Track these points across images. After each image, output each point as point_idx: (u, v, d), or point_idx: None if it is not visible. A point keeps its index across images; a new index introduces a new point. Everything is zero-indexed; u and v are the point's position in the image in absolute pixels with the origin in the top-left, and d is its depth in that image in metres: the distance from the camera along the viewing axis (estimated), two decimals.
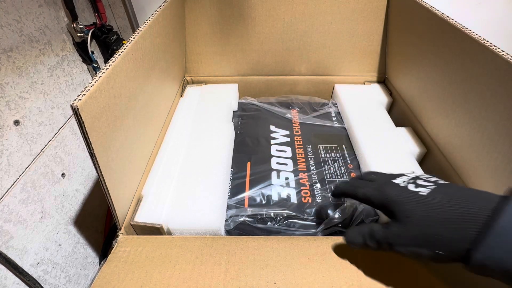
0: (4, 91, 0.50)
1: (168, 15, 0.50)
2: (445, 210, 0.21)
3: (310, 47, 0.63)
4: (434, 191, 0.23)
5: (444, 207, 0.21)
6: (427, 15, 0.47)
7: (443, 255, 0.21)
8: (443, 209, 0.21)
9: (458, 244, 0.20)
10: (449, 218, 0.21)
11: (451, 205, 0.21)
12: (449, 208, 0.21)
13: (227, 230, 0.39)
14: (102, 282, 0.29)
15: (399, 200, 0.23)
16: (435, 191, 0.23)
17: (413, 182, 0.25)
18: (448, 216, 0.21)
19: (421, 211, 0.22)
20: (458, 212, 0.21)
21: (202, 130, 0.51)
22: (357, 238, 0.26)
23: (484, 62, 0.35)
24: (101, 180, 0.30)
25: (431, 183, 0.24)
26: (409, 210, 0.23)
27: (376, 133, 0.51)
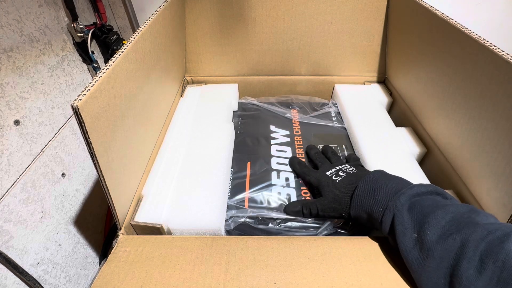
0: (4, 91, 0.50)
1: (168, 15, 0.50)
2: (343, 191, 0.36)
3: (310, 47, 0.63)
4: (342, 179, 0.38)
5: (342, 189, 0.36)
6: (427, 15, 0.47)
7: (343, 216, 0.36)
8: (342, 190, 0.36)
9: (346, 208, 0.35)
10: (343, 193, 0.36)
11: (345, 186, 0.36)
12: (344, 189, 0.36)
13: (227, 230, 0.39)
14: (102, 282, 0.29)
15: (325, 185, 0.38)
16: (343, 179, 0.38)
17: (336, 173, 0.39)
18: (343, 193, 0.36)
19: (333, 191, 0.37)
20: (347, 190, 0.36)
21: (202, 130, 0.52)
22: (297, 206, 0.39)
23: (484, 62, 0.35)
24: (101, 180, 0.30)
25: (345, 173, 0.39)
26: (328, 191, 0.37)
27: (376, 133, 0.51)
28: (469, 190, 0.40)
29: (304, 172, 0.43)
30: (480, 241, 0.24)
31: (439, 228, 0.27)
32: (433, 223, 0.27)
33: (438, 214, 0.28)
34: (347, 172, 0.39)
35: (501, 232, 0.24)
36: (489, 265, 0.23)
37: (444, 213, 0.28)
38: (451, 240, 0.26)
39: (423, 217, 0.28)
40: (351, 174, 0.38)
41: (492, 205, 0.36)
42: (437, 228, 0.27)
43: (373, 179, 0.34)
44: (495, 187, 0.35)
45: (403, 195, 0.30)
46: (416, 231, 0.28)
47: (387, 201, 0.31)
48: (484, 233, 0.25)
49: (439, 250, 0.26)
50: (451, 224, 0.27)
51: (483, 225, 0.26)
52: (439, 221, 0.27)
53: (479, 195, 0.38)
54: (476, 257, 0.24)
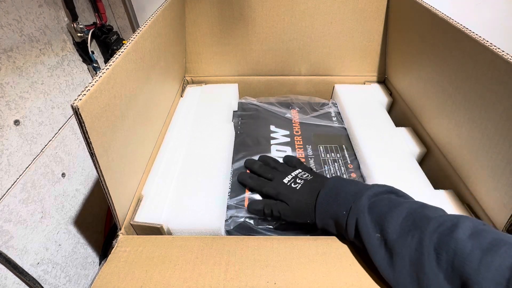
0: (4, 91, 0.50)
1: (168, 15, 0.50)
2: (305, 198, 0.36)
3: (310, 47, 0.63)
4: (302, 186, 0.38)
5: (303, 195, 0.37)
6: (427, 15, 0.47)
7: (308, 222, 0.35)
8: (304, 197, 0.37)
9: (312, 216, 0.35)
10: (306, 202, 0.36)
11: (307, 194, 0.37)
12: (306, 196, 0.36)
13: (227, 230, 0.39)
14: (102, 282, 0.29)
15: (285, 193, 0.38)
16: (302, 186, 0.38)
17: (293, 181, 0.39)
18: (305, 200, 0.36)
19: (295, 198, 0.37)
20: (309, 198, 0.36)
21: (202, 130, 0.52)
22: (259, 205, 0.39)
23: (484, 62, 0.35)
24: (101, 180, 0.30)
25: (302, 180, 0.39)
26: (289, 198, 0.37)
27: (376, 133, 0.51)
28: (469, 190, 0.40)
29: (259, 184, 0.41)
30: (433, 234, 0.26)
31: (398, 225, 0.28)
32: (391, 221, 0.28)
33: (394, 212, 0.29)
34: (304, 179, 0.39)
35: (450, 222, 0.26)
36: (443, 255, 0.25)
37: (399, 210, 0.29)
38: (410, 236, 0.27)
39: (383, 215, 0.29)
40: (309, 181, 0.39)
41: (492, 205, 0.36)
42: (396, 225, 0.28)
43: (333, 186, 0.35)
44: (495, 187, 0.35)
45: (363, 197, 0.31)
46: (379, 231, 0.29)
47: (349, 204, 0.32)
48: (436, 226, 0.26)
49: (401, 247, 0.27)
50: (407, 220, 0.28)
51: (434, 218, 0.27)
52: (396, 219, 0.28)
53: (479, 195, 0.38)
54: (431, 249, 0.25)
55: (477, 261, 0.23)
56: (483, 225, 0.26)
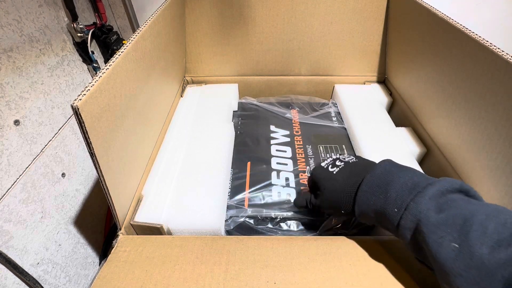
0: (4, 91, 0.50)
1: (168, 15, 0.50)
2: (341, 184, 0.32)
3: (310, 47, 0.63)
4: (340, 170, 0.33)
5: (341, 181, 0.32)
6: (427, 15, 0.47)
7: (345, 212, 0.31)
8: (340, 183, 0.32)
9: (349, 205, 0.31)
10: (343, 188, 0.31)
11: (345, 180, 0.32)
12: (344, 182, 0.32)
13: (227, 230, 0.39)
14: (102, 282, 0.29)
15: (320, 178, 0.34)
16: (341, 170, 0.33)
17: (333, 164, 0.35)
18: (341, 187, 0.31)
19: (330, 184, 0.32)
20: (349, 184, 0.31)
21: (202, 130, 0.51)
22: (302, 202, 0.37)
23: (484, 62, 0.35)
24: (101, 180, 0.30)
25: (343, 162, 0.34)
26: (324, 185, 0.33)
27: (376, 133, 0.51)
28: None
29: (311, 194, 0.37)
30: None
31: (487, 237, 0.22)
32: (478, 231, 0.22)
33: (479, 219, 0.23)
34: (345, 162, 0.34)
35: None
36: None
37: (487, 218, 0.23)
38: (510, 252, 0.21)
39: (464, 223, 0.23)
40: (350, 164, 0.33)
41: None
42: (486, 237, 0.22)
43: (383, 172, 0.29)
44: (495, 187, 0.35)
45: (426, 195, 0.25)
46: (457, 240, 0.23)
47: (403, 201, 0.26)
48: None
49: (495, 264, 0.21)
50: (500, 231, 0.22)
51: None
52: (485, 228, 0.22)
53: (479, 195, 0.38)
54: None
55: None
56: None
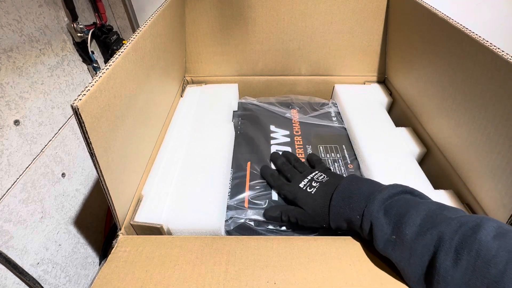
0: (4, 91, 0.50)
1: (168, 15, 0.50)
2: (319, 202, 0.37)
3: (310, 47, 0.63)
4: (317, 190, 0.38)
5: (319, 200, 0.37)
6: (427, 15, 0.47)
7: (324, 227, 0.36)
8: (318, 202, 0.37)
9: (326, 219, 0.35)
10: (320, 206, 0.36)
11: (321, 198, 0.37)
12: (320, 200, 0.37)
13: (227, 230, 0.39)
14: (102, 282, 0.29)
15: (302, 198, 0.39)
16: (317, 190, 0.38)
17: (309, 184, 0.40)
18: (319, 205, 0.36)
19: (310, 204, 0.37)
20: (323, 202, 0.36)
21: (202, 130, 0.51)
22: (275, 212, 0.39)
23: (484, 62, 0.35)
24: (101, 180, 0.30)
25: (318, 183, 0.39)
26: (305, 203, 0.38)
27: (376, 133, 0.51)
28: (469, 190, 0.40)
29: (279, 185, 0.42)
30: (454, 234, 0.26)
31: (416, 226, 0.28)
32: (409, 222, 0.28)
33: (412, 213, 0.29)
34: (320, 182, 0.39)
35: (473, 223, 0.26)
36: (464, 255, 0.24)
37: (417, 211, 0.29)
38: (429, 235, 0.27)
39: (399, 218, 0.29)
40: (324, 183, 0.39)
41: (492, 205, 0.36)
42: (414, 226, 0.28)
43: (345, 188, 0.35)
44: (495, 187, 0.35)
45: (376, 200, 0.31)
46: (395, 233, 0.29)
47: (362, 208, 0.32)
48: (457, 226, 0.26)
49: (419, 246, 0.27)
50: (426, 220, 0.28)
51: (455, 218, 0.27)
52: (414, 219, 0.28)
53: (479, 195, 0.38)
54: (452, 249, 0.25)
55: (503, 263, 0.23)
56: (507, 226, 0.26)
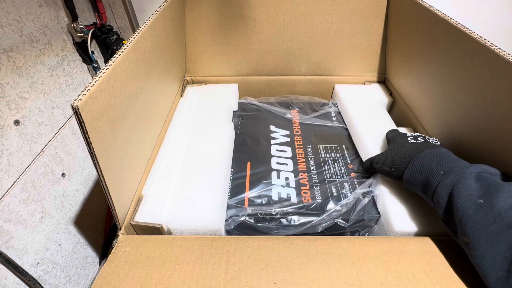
0: (4, 91, 0.50)
1: (168, 15, 0.50)
2: (408, 151, 0.37)
3: (310, 47, 0.63)
4: (417, 143, 0.38)
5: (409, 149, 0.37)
6: (427, 15, 0.47)
7: (394, 171, 0.37)
8: (407, 150, 0.37)
9: (401, 167, 0.36)
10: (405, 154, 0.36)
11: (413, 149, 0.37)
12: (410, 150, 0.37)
13: (227, 230, 0.39)
14: (102, 282, 0.29)
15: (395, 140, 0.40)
16: (417, 143, 0.38)
17: (415, 138, 0.39)
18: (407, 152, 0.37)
19: (398, 147, 0.38)
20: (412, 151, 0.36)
21: (202, 130, 0.51)
22: (366, 163, 0.43)
23: (485, 62, 0.35)
24: (101, 180, 0.30)
25: (424, 140, 0.38)
26: (393, 147, 0.39)
27: (376, 133, 0.51)
28: None
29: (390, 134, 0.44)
30: None
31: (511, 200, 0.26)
32: (506, 193, 0.26)
33: (508, 189, 0.27)
34: (426, 141, 0.38)
35: None
36: None
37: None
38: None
39: (494, 187, 0.27)
40: (428, 142, 0.38)
41: None
42: (510, 198, 0.26)
43: (444, 151, 0.34)
44: None
45: (472, 167, 0.30)
46: (484, 198, 0.27)
47: (451, 167, 0.30)
48: None
49: (510, 216, 0.25)
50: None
51: None
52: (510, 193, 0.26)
53: None
54: None
55: None
56: None
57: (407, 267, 0.30)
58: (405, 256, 0.31)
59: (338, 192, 0.43)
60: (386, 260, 0.31)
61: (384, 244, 0.32)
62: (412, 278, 0.29)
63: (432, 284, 0.29)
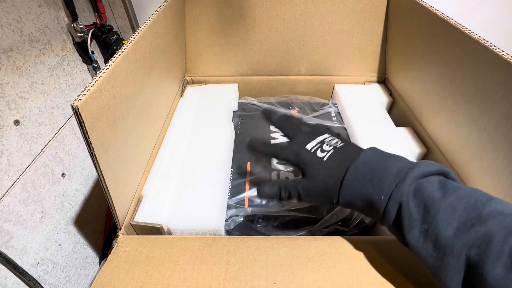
0: (4, 91, 0.50)
1: (168, 15, 0.50)
2: (334, 172, 0.29)
3: (310, 47, 0.63)
4: (331, 156, 0.30)
5: (333, 170, 0.29)
6: (427, 15, 0.47)
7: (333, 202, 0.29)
8: (332, 171, 0.29)
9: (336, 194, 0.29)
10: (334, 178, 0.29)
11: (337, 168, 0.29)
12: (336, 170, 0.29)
13: (227, 230, 0.39)
14: (102, 282, 0.29)
15: (309, 164, 0.30)
16: (331, 156, 0.30)
17: (320, 147, 0.31)
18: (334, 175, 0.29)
19: (321, 173, 0.30)
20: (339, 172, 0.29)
21: (202, 130, 0.51)
22: (273, 189, 0.31)
23: (484, 62, 0.35)
24: (101, 180, 0.30)
25: (332, 147, 0.31)
26: (315, 171, 0.30)
27: (376, 133, 0.51)
28: None
29: (274, 151, 0.33)
30: (509, 235, 0.20)
31: (455, 219, 0.22)
32: (446, 211, 0.23)
33: (449, 199, 0.23)
34: (334, 147, 0.31)
35: None
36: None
37: (456, 198, 0.23)
38: (473, 233, 0.21)
39: (432, 204, 0.24)
40: (339, 149, 0.31)
41: None
42: (453, 219, 0.22)
43: (368, 160, 0.28)
44: (495, 187, 0.35)
45: (407, 179, 0.25)
46: (427, 222, 0.23)
47: (389, 188, 0.26)
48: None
49: (457, 244, 0.22)
50: (468, 213, 0.22)
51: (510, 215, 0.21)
52: (453, 209, 0.23)
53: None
54: (504, 253, 0.20)
55: None
56: None
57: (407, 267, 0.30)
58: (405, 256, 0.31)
59: None
60: (386, 260, 0.31)
61: (384, 244, 0.32)
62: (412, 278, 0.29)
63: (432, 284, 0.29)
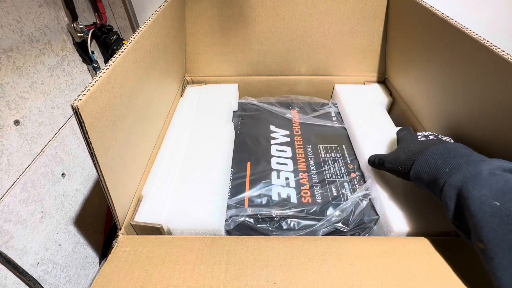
0: (4, 91, 0.50)
1: (168, 15, 0.50)
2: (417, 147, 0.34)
3: (310, 47, 0.63)
4: (427, 140, 0.36)
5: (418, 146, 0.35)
6: (427, 15, 0.47)
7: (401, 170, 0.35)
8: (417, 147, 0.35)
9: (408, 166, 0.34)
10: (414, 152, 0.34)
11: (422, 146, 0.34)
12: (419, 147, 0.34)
13: (227, 230, 0.39)
14: (102, 282, 0.29)
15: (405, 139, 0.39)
16: (427, 140, 0.36)
17: (426, 136, 0.37)
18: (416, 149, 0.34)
19: (407, 147, 0.36)
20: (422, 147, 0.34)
21: (202, 130, 0.52)
22: (372, 158, 0.40)
23: (485, 62, 0.35)
24: (101, 180, 0.30)
25: (436, 137, 0.36)
26: (403, 145, 0.38)
27: (376, 133, 0.51)
28: None
29: None
30: None
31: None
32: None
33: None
34: (439, 138, 0.35)
35: None
36: None
37: None
38: None
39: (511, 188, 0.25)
40: (441, 140, 0.35)
41: None
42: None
43: (452, 146, 0.31)
44: None
45: (483, 163, 0.27)
46: (500, 201, 0.24)
47: (458, 163, 0.27)
48: None
49: None
50: None
51: None
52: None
53: None
54: None
55: None
56: None
57: (407, 267, 0.30)
58: (405, 256, 0.31)
59: (338, 192, 0.43)
60: (386, 260, 0.31)
61: (384, 244, 0.32)
62: (412, 278, 0.29)
63: (432, 284, 0.29)
